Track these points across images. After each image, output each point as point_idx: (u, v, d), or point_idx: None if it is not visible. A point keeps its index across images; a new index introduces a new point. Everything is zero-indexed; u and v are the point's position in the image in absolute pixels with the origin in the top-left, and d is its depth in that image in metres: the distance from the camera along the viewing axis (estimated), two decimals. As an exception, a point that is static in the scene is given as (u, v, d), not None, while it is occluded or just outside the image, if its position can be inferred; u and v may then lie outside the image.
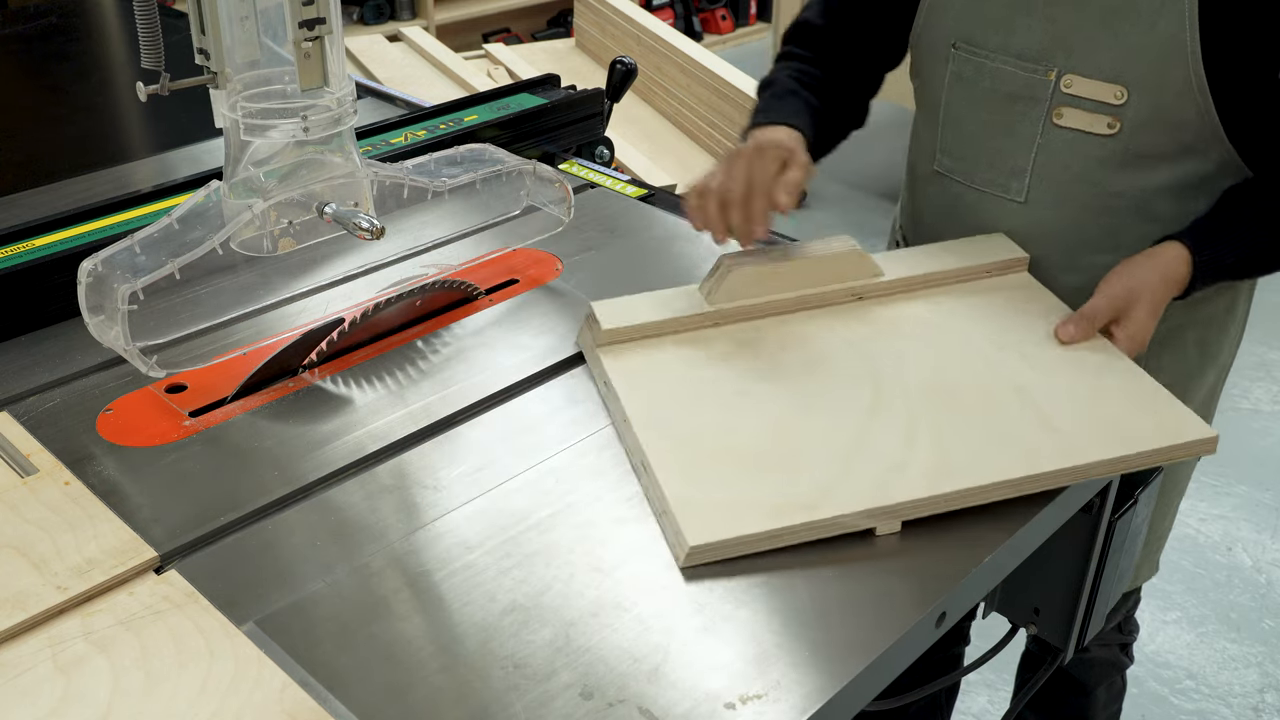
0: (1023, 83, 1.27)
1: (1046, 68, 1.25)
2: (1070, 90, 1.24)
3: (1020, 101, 1.28)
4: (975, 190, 1.36)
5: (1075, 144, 1.26)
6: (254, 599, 0.90)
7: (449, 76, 3.11)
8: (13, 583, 0.89)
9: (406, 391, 1.17)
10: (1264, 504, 2.78)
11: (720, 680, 0.84)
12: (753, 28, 6.18)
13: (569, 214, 1.41)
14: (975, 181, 1.36)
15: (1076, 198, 1.29)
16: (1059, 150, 1.28)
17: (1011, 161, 1.31)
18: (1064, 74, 1.24)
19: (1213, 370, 1.44)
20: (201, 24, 1.16)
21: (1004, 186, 1.33)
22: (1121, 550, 1.22)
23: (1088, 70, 1.23)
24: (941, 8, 1.32)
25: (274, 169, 1.20)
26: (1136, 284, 1.20)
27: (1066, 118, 1.25)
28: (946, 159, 1.39)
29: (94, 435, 1.10)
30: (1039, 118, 1.27)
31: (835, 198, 4.18)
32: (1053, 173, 1.29)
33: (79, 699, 0.80)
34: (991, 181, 1.34)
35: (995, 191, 1.34)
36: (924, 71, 1.38)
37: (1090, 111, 1.24)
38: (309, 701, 0.80)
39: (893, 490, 0.98)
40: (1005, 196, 1.33)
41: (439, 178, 1.29)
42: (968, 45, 1.30)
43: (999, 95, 1.29)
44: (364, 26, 5.06)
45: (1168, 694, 2.28)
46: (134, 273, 1.09)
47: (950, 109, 1.35)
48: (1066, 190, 1.29)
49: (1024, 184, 1.31)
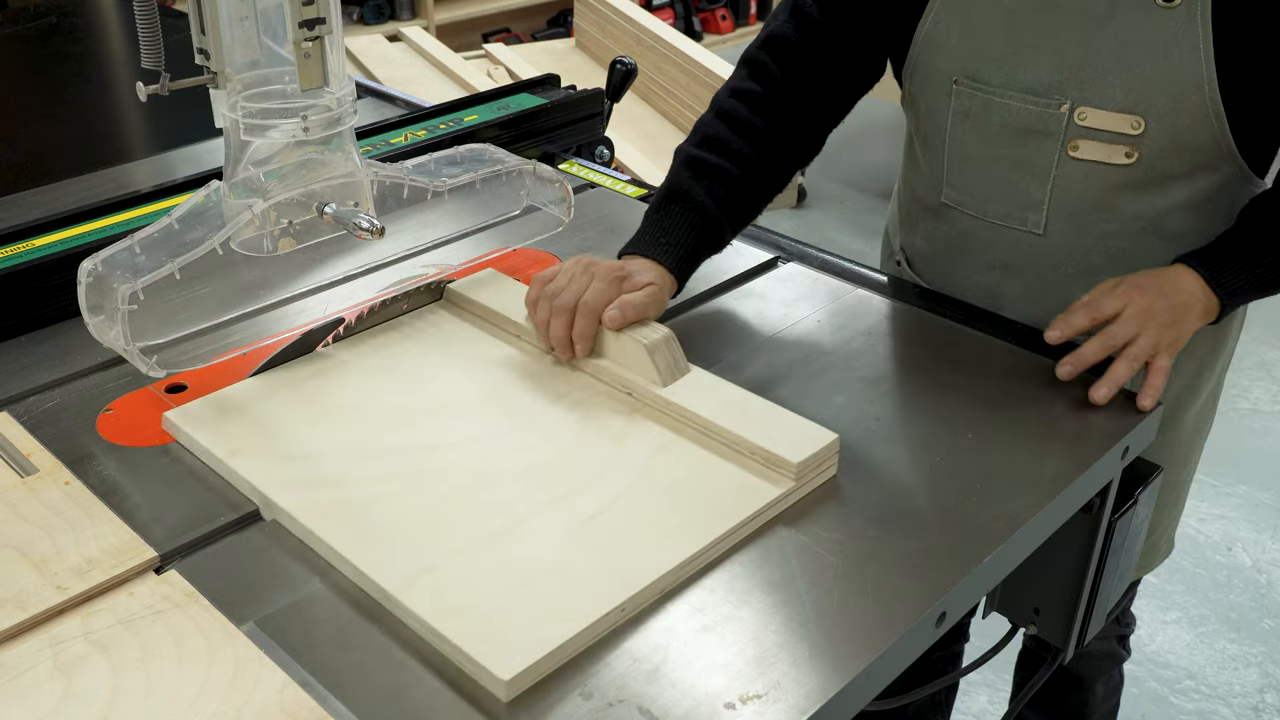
0: (1035, 117, 1.25)
1: (1059, 101, 1.23)
2: (1085, 123, 1.22)
3: (1033, 136, 1.26)
4: (989, 223, 1.35)
5: (1092, 175, 1.25)
6: (254, 599, 0.90)
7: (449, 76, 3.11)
8: (13, 583, 0.89)
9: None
10: (1264, 504, 2.78)
11: (720, 680, 0.83)
12: (752, 28, 6.17)
13: (569, 214, 1.41)
14: (989, 215, 1.34)
15: (1094, 225, 1.29)
16: (1076, 181, 1.27)
17: (1027, 195, 1.30)
18: (1077, 106, 1.22)
19: (1214, 373, 1.45)
20: (201, 24, 1.16)
21: (1020, 220, 1.32)
22: (1121, 550, 1.22)
23: (1102, 102, 1.21)
24: (936, 44, 1.29)
25: (274, 169, 1.20)
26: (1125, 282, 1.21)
27: (1083, 150, 1.24)
28: (955, 192, 1.36)
29: (94, 435, 1.10)
30: (1053, 150, 1.26)
31: (833, 197, 4.17)
32: (1069, 203, 1.28)
33: (79, 699, 0.80)
34: (1007, 215, 1.33)
35: (1011, 225, 1.33)
36: (921, 105, 1.35)
37: (1107, 143, 1.23)
38: (309, 701, 0.80)
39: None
40: (1022, 229, 1.32)
41: (439, 178, 1.29)
42: (971, 81, 1.27)
43: (1009, 130, 1.27)
44: (364, 26, 5.06)
45: (1168, 694, 2.28)
46: (134, 273, 1.09)
47: (956, 144, 1.33)
48: (1084, 219, 1.29)
49: (1041, 216, 1.30)
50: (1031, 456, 1.09)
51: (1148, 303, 1.19)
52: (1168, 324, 1.19)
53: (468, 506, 0.98)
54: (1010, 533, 0.99)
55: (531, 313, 1.20)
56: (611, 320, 1.14)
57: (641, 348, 1.12)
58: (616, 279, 1.16)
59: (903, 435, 1.12)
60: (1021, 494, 1.03)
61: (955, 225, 1.39)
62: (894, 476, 1.06)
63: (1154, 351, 1.18)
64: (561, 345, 1.16)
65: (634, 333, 1.13)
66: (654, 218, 1.26)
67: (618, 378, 1.14)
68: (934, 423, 1.13)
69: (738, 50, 6.24)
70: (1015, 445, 1.10)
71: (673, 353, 1.13)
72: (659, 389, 1.11)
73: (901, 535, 0.98)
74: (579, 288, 1.16)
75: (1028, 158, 1.28)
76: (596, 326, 1.15)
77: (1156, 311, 1.19)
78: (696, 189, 1.25)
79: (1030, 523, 1.01)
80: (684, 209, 1.25)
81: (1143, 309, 1.19)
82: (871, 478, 1.05)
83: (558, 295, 1.16)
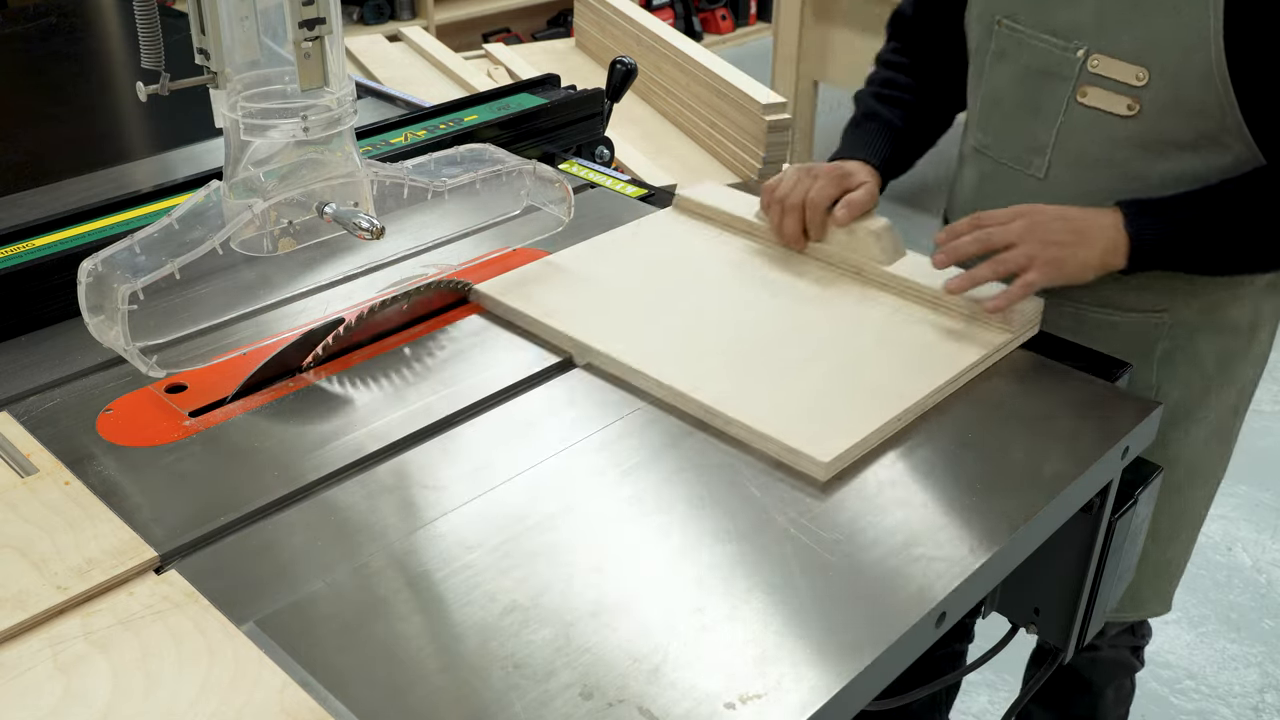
0: (1055, 59, 1.28)
1: (1077, 45, 1.26)
2: (1096, 69, 1.25)
3: (1050, 78, 1.30)
4: (1003, 166, 1.39)
5: (1096, 123, 1.27)
6: (254, 599, 0.90)
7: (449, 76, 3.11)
8: (13, 583, 0.89)
9: (406, 391, 1.17)
10: (1264, 504, 2.78)
11: (720, 680, 0.83)
12: (753, 28, 6.17)
13: (569, 214, 1.41)
14: (1003, 158, 1.39)
15: (1094, 178, 1.30)
16: (1080, 128, 1.29)
17: (1035, 138, 1.34)
18: (1092, 53, 1.25)
19: (1232, 390, 1.43)
20: (201, 24, 1.16)
21: (1026, 162, 1.36)
22: (1121, 550, 1.22)
23: (1113, 50, 1.23)
24: None
25: (274, 169, 1.20)
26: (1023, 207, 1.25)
27: (1090, 96, 1.26)
28: (981, 134, 1.42)
29: (94, 435, 1.10)
30: (1065, 95, 1.29)
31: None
32: (1073, 150, 1.31)
33: (79, 699, 0.80)
34: (1016, 157, 1.37)
35: (1018, 166, 1.37)
36: (973, 50, 1.42)
37: (1112, 91, 1.24)
38: (309, 701, 0.80)
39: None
40: (1026, 172, 1.36)
41: (439, 178, 1.29)
42: (1010, 21, 1.33)
43: (1033, 71, 1.32)
44: (364, 26, 5.06)
45: (1168, 694, 2.28)
46: (134, 273, 1.09)
47: (990, 85, 1.39)
48: (1085, 170, 1.30)
49: (1045, 160, 1.33)
50: (1031, 456, 1.09)
51: (1039, 220, 1.21)
52: (1053, 243, 1.20)
53: (754, 349, 1.21)
54: (1010, 533, 0.99)
55: (765, 215, 1.39)
56: (842, 218, 1.32)
57: (870, 234, 1.33)
58: (837, 176, 1.34)
59: (902, 434, 1.12)
60: (1021, 494, 1.03)
61: (978, 170, 1.45)
62: (894, 476, 1.06)
63: (1027, 264, 1.19)
64: (794, 239, 1.35)
65: (860, 224, 1.34)
66: (854, 133, 1.47)
67: (849, 261, 1.35)
68: (934, 422, 1.13)
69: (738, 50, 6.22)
70: (1015, 445, 1.11)
71: (894, 238, 1.34)
72: (885, 266, 1.32)
73: (901, 535, 0.98)
74: (804, 188, 1.34)
75: (1041, 101, 1.32)
76: (823, 218, 1.34)
77: (1045, 229, 1.21)
78: (885, 111, 1.47)
79: (1030, 523, 1.01)
80: (879, 125, 1.46)
81: (1031, 224, 1.21)
82: (871, 477, 1.05)
83: (786, 196, 1.35)
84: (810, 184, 1.34)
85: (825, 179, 1.34)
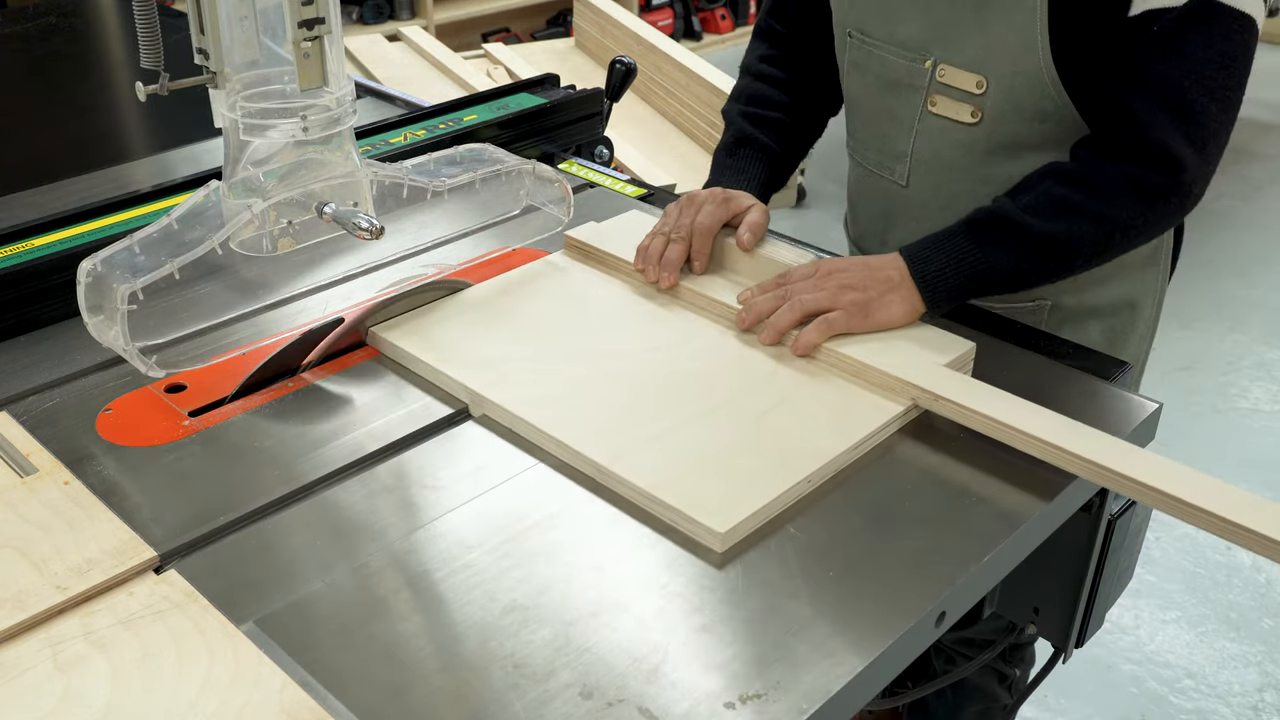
0: (905, 71, 1.31)
1: (924, 57, 1.29)
2: (943, 79, 1.28)
3: (903, 89, 1.32)
4: (870, 171, 1.43)
5: (946, 131, 1.30)
6: (254, 599, 0.90)
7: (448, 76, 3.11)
8: (13, 583, 0.89)
9: (406, 391, 1.17)
10: (1264, 503, 2.78)
11: (720, 680, 0.84)
12: (752, 27, 6.17)
13: (568, 214, 1.41)
14: (869, 163, 1.43)
15: (951, 184, 1.34)
16: (933, 137, 1.32)
17: (894, 146, 1.37)
18: (939, 63, 1.28)
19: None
20: (201, 24, 1.16)
21: (890, 170, 1.39)
22: (1121, 550, 1.22)
23: (956, 60, 1.26)
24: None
25: (273, 169, 1.20)
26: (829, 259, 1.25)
27: (939, 106, 1.29)
28: (851, 139, 1.46)
29: (93, 435, 1.10)
30: (917, 105, 1.32)
31: (832, 197, 4.18)
32: (928, 158, 1.34)
33: (79, 699, 0.80)
34: (881, 164, 1.40)
35: (882, 173, 1.40)
36: (839, 59, 1.44)
37: (957, 100, 1.28)
38: (309, 701, 0.80)
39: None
40: (890, 179, 1.39)
41: (438, 177, 1.29)
42: (860, 33, 1.35)
43: (885, 82, 1.34)
44: (364, 26, 5.06)
45: (1167, 693, 2.28)
46: (133, 273, 1.09)
47: (850, 94, 1.42)
48: (941, 176, 1.34)
49: (905, 168, 1.37)
50: (1031, 456, 1.09)
51: (836, 268, 1.19)
52: (854, 287, 1.17)
53: (653, 400, 1.11)
54: (1010, 533, 0.99)
55: (640, 256, 1.29)
56: (748, 241, 1.27)
57: (780, 265, 1.25)
58: (722, 200, 1.29)
59: (902, 434, 1.12)
60: (1021, 494, 1.03)
61: (854, 172, 1.49)
62: (893, 476, 1.06)
63: (828, 306, 1.16)
64: (671, 268, 1.26)
65: (766, 251, 1.27)
66: (727, 161, 1.41)
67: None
68: (933, 421, 1.13)
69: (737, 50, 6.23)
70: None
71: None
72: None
73: (901, 535, 0.98)
74: (689, 217, 1.28)
75: (898, 110, 1.34)
76: (710, 245, 1.28)
77: (844, 275, 1.18)
78: (760, 136, 1.42)
79: (1030, 523, 1.01)
80: (754, 150, 1.41)
81: (830, 269, 1.19)
82: (870, 477, 1.05)
83: (673, 230, 1.28)
84: (694, 213, 1.28)
85: (711, 204, 1.29)
